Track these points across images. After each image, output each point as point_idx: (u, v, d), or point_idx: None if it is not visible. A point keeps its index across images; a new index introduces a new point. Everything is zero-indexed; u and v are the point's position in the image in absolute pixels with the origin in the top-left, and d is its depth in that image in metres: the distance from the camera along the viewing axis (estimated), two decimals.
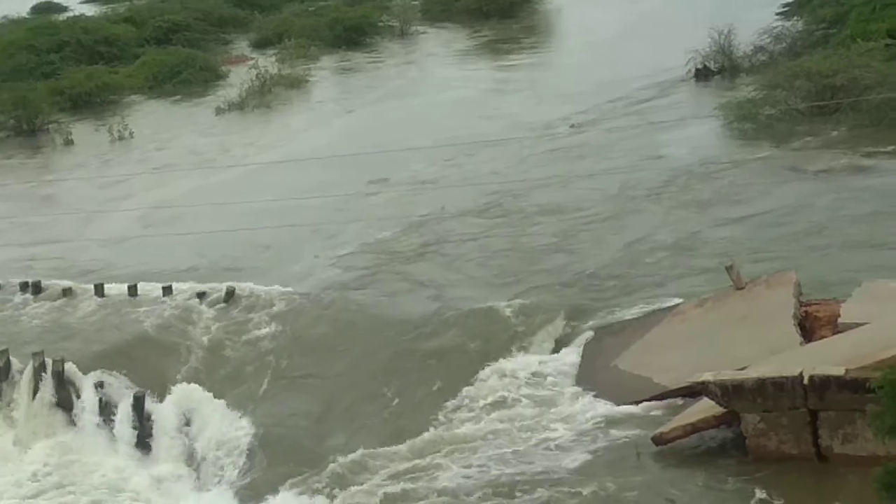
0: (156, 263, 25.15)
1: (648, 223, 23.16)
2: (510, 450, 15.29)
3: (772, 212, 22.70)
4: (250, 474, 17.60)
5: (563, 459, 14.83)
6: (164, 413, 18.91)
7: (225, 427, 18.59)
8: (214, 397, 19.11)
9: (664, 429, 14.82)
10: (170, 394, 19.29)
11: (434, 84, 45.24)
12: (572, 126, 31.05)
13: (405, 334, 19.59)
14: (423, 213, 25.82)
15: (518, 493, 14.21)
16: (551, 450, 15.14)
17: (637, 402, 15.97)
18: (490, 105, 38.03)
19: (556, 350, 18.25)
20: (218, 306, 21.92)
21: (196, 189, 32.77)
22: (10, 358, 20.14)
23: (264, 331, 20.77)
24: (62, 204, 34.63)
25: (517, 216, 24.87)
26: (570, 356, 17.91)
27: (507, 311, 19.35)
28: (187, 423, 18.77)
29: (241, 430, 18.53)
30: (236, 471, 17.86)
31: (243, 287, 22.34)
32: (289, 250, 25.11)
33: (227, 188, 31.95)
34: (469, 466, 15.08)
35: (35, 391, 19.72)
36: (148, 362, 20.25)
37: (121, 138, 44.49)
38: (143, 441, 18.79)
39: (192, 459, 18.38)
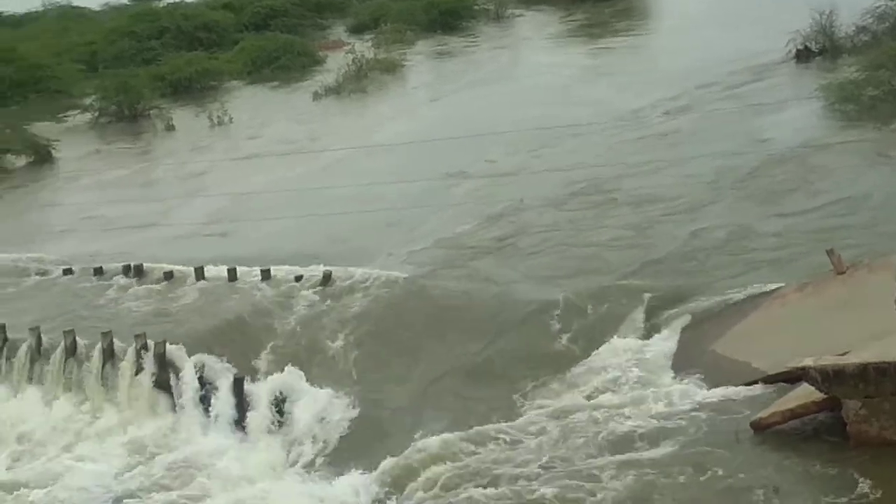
0: (255, 247, 25.48)
1: (746, 208, 22.84)
2: (604, 434, 15.20)
3: (874, 195, 22.25)
4: (342, 454, 17.75)
5: (661, 443, 14.71)
6: (261, 394, 19.13)
7: (318, 408, 18.77)
8: (310, 379, 19.29)
9: (763, 414, 14.63)
10: (267, 375, 19.49)
11: (525, 69, 45.18)
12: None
13: (496, 318, 19.57)
14: (507, 201, 25.75)
15: (614, 477, 14.13)
16: (648, 433, 15.02)
17: (735, 387, 15.79)
18: (579, 91, 37.86)
19: (650, 335, 18.10)
20: (315, 289, 22.12)
21: (292, 174, 33.11)
22: (114, 340, 20.51)
23: (359, 314, 20.87)
24: (163, 188, 35.22)
25: (605, 204, 24.68)
26: (667, 341, 17.75)
27: (600, 296, 19.21)
28: (283, 404, 18.94)
29: (334, 410, 18.73)
30: (328, 450, 18.03)
31: (340, 271, 22.50)
32: (385, 235, 25.24)
33: (324, 173, 32.26)
34: (560, 450, 15.01)
35: (137, 372, 20.07)
36: (246, 344, 20.49)
37: (220, 124, 45.11)
38: (241, 422, 19.01)
39: (286, 440, 18.54)
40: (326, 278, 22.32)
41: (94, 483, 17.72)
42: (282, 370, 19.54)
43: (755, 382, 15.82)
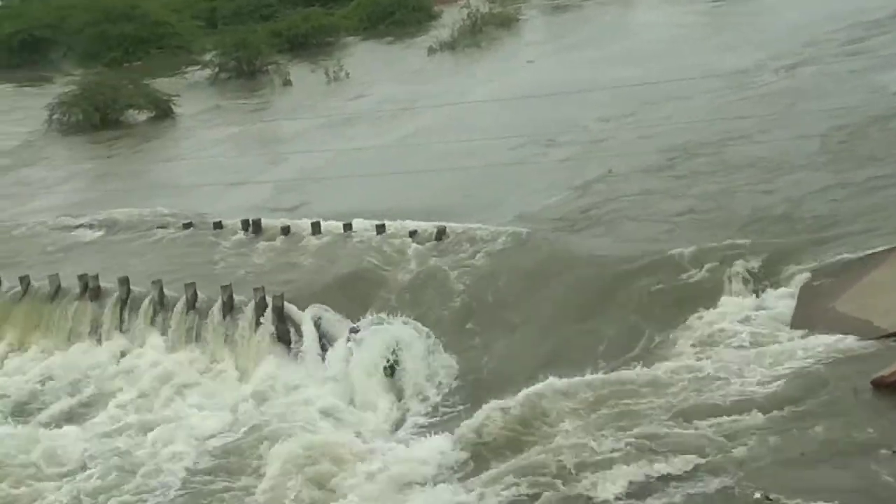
0: (369, 202, 25.68)
1: (866, 165, 22.25)
2: (722, 389, 15.06)
3: None
4: (452, 406, 17.90)
5: (780, 399, 14.53)
6: (375, 347, 19.32)
7: (430, 360, 18.93)
8: (422, 332, 19.41)
9: (884, 372, 14.38)
10: (380, 329, 19.68)
11: (635, 27, 44.46)
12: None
13: (607, 275, 19.40)
14: (617, 158, 25.53)
15: (733, 433, 14.02)
16: (767, 389, 14.85)
17: (856, 344, 15.53)
18: (688, 49, 37.14)
19: (767, 293, 17.83)
20: (428, 244, 22.22)
21: (405, 129, 33.25)
22: (233, 294, 20.88)
23: (473, 268, 20.91)
24: (280, 143, 35.67)
25: (718, 163, 24.29)
26: (785, 299, 17.48)
27: (715, 253, 18.96)
28: (397, 357, 19.13)
29: (445, 363, 18.88)
30: (439, 401, 18.20)
31: (453, 226, 22.56)
32: (498, 191, 25.25)
33: (436, 129, 32.31)
34: (677, 406, 14.92)
35: (256, 325, 20.42)
36: (361, 298, 20.69)
37: (336, 79, 45.46)
38: (355, 373, 19.23)
39: (400, 391, 18.72)
40: (440, 233, 22.41)
41: (212, 431, 18.10)
42: (395, 323, 19.67)
43: (878, 339, 15.54)
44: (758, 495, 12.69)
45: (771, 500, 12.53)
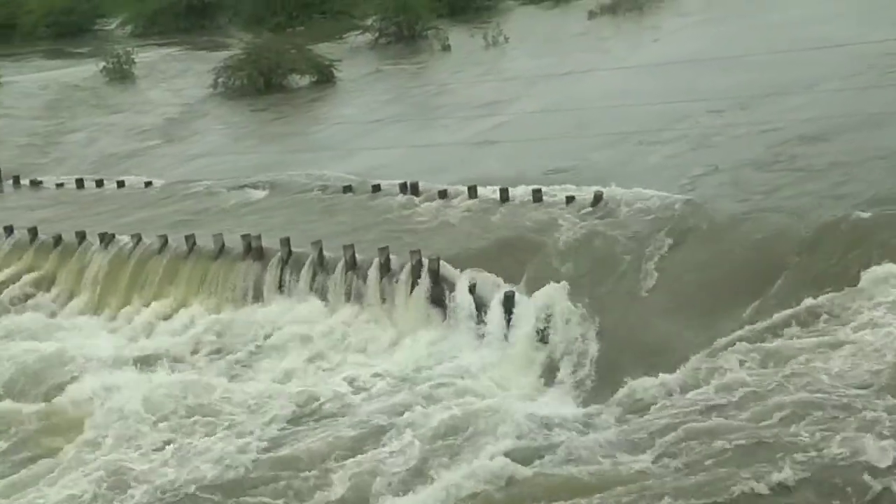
0: (525, 167, 25.72)
1: None
2: (874, 364, 14.74)
3: None
4: (600, 375, 17.84)
5: None
6: (528, 311, 19.39)
7: (582, 328, 18.90)
8: (575, 299, 19.41)
9: None
10: (534, 294, 19.76)
11: None
12: None
13: (768, 245, 19.06)
14: (787, 124, 24.97)
15: (885, 410, 13.73)
16: None
17: None
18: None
19: None
20: (585, 210, 22.15)
21: (562, 94, 33.13)
22: (390, 255, 21.20)
23: (627, 235, 20.77)
24: (438, 108, 35.90)
25: None
26: None
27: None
28: (548, 322, 19.18)
29: (595, 332, 18.81)
30: (587, 370, 18.18)
31: (610, 191, 22.44)
32: (658, 156, 25.02)
33: (594, 93, 32.14)
34: (821, 382, 14.69)
35: (412, 287, 20.71)
36: (516, 263, 20.75)
37: (495, 44, 45.48)
38: (508, 337, 19.37)
39: (549, 357, 18.76)
40: (597, 199, 22.31)
41: (371, 390, 18.50)
42: (548, 289, 19.71)
43: None
44: None
45: None
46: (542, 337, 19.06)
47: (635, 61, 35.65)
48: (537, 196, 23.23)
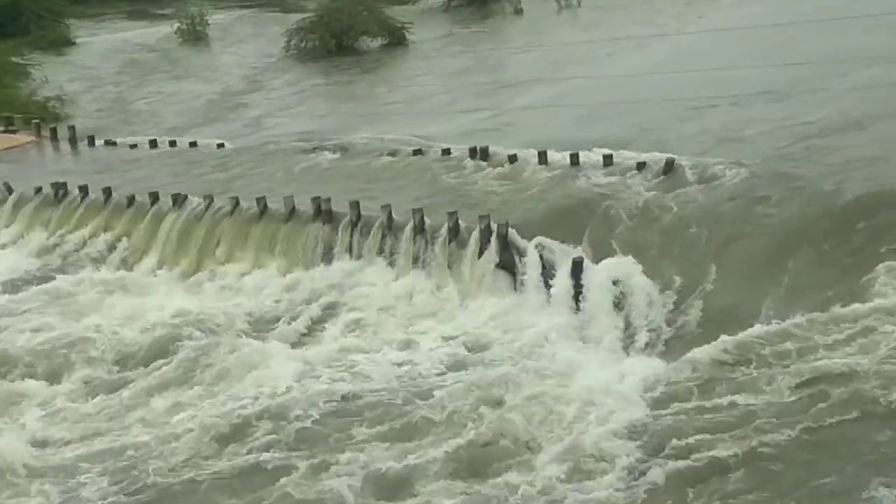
0: (597, 132, 25.58)
1: None
2: None
3: None
4: (672, 341, 17.83)
5: None
6: (597, 278, 19.36)
7: (652, 296, 18.87)
8: (644, 267, 19.34)
9: None
10: (603, 261, 19.70)
11: None
12: None
13: (835, 214, 18.88)
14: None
15: None
16: None
17: None
18: None
19: None
20: (657, 178, 21.99)
21: (636, 59, 32.85)
22: (459, 220, 21.20)
23: (697, 204, 20.63)
24: (509, 72, 35.78)
25: None
26: None
27: None
28: (617, 290, 19.12)
29: (667, 298, 18.77)
30: (658, 337, 18.19)
31: (683, 159, 22.26)
32: (731, 122, 24.77)
33: (668, 59, 31.85)
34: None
35: (481, 252, 20.71)
36: (585, 229, 20.68)
37: (568, 6, 45.14)
38: (577, 304, 19.35)
39: (619, 324, 18.75)
40: (669, 166, 22.14)
41: (435, 356, 18.60)
42: (618, 258, 19.67)
43: None
44: None
45: None
46: (613, 303, 19.02)
47: (711, 25, 35.27)
48: (608, 162, 23.09)
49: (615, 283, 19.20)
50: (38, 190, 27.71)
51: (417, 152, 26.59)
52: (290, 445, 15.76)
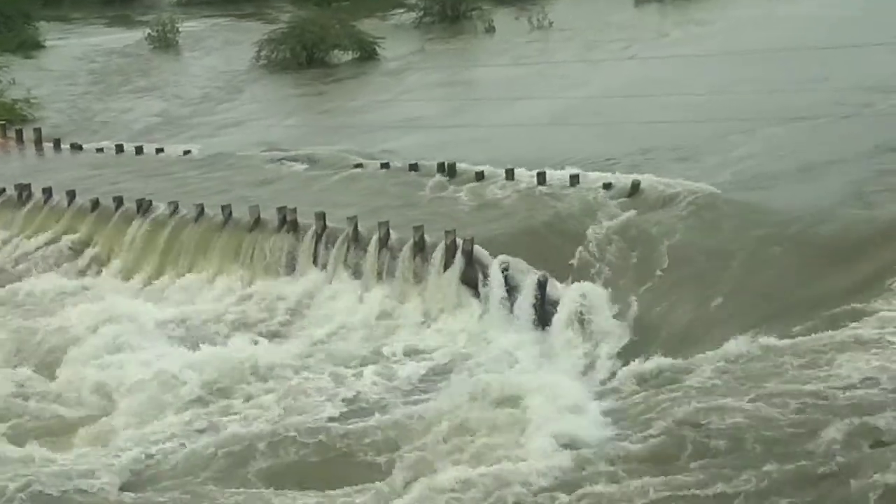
0: (564, 152, 25.63)
1: None
2: None
3: None
4: (632, 361, 17.69)
5: None
6: (560, 297, 19.40)
7: (613, 317, 18.96)
8: (607, 288, 19.41)
9: None
10: (567, 279, 19.72)
11: None
12: None
13: (810, 238, 19.00)
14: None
15: None
16: None
17: None
18: None
19: None
20: (622, 199, 22.07)
21: (607, 81, 32.97)
22: (425, 235, 21.18)
23: (663, 226, 20.73)
24: (478, 89, 35.84)
25: None
26: None
27: None
28: (581, 310, 19.15)
29: (627, 320, 18.85)
30: (616, 355, 18.23)
31: (648, 180, 22.35)
32: (696, 146, 24.90)
33: (637, 81, 31.95)
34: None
35: (445, 267, 20.70)
36: (549, 248, 20.75)
37: (539, 27, 45.29)
38: (541, 322, 19.36)
39: (582, 343, 18.77)
40: (635, 187, 22.22)
41: (395, 368, 18.60)
42: (581, 277, 19.71)
43: None
44: None
45: None
46: (574, 322, 19.04)
47: (682, 50, 35.47)
48: (574, 181, 23.16)
49: (577, 302, 19.21)
50: (2, 191, 27.51)
51: (385, 166, 26.57)
52: None
